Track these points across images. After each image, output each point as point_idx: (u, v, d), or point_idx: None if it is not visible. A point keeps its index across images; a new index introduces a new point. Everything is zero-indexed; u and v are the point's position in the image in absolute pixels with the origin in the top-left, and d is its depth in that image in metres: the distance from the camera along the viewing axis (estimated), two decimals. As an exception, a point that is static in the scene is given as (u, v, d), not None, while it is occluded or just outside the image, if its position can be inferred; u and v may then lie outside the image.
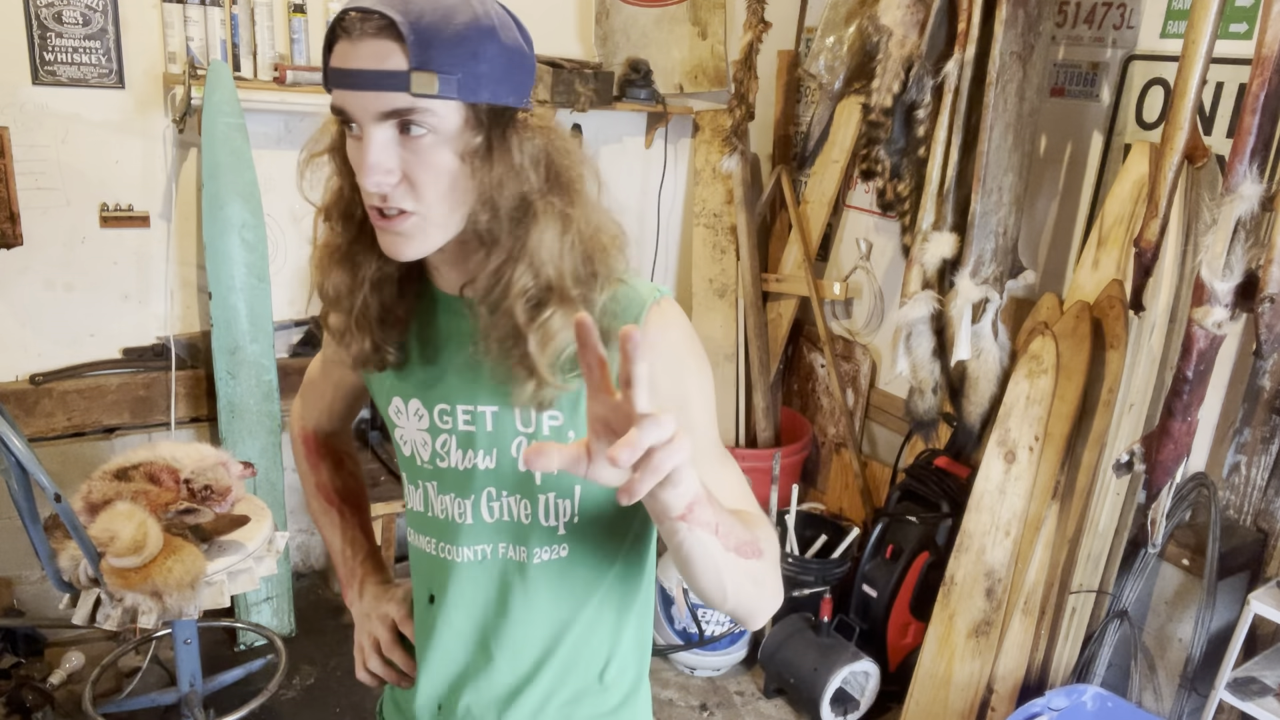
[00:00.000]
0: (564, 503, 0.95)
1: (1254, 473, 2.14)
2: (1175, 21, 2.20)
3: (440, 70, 0.79)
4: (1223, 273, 1.81)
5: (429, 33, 0.79)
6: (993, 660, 2.30)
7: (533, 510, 0.96)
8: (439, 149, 0.82)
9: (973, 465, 2.53)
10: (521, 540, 0.97)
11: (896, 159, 2.45)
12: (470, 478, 0.97)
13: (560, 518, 0.96)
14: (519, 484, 0.95)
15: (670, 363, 0.90)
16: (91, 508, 1.99)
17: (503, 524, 0.98)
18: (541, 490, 0.95)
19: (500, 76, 0.83)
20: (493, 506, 0.97)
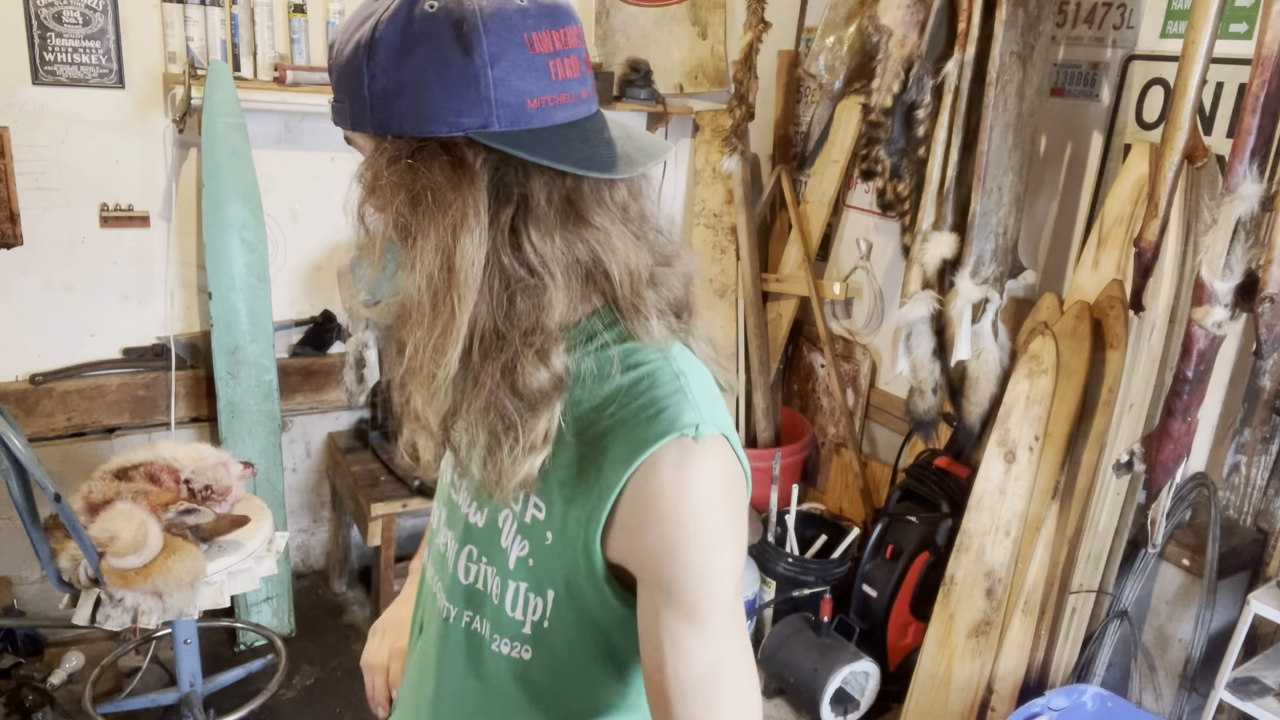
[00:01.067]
0: (535, 599, 0.82)
1: (1254, 473, 2.14)
2: (1175, 21, 2.20)
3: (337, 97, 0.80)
4: (1223, 273, 1.81)
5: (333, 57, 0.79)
6: (993, 660, 2.30)
7: (501, 591, 0.84)
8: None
9: (973, 465, 2.53)
10: (486, 616, 0.86)
11: (896, 159, 2.45)
12: (464, 527, 0.88)
13: (529, 614, 0.83)
14: (495, 555, 0.84)
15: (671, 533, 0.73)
16: (91, 508, 1.99)
17: (475, 590, 0.86)
18: (513, 575, 0.82)
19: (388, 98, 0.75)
20: (470, 568, 0.87)
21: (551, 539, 0.79)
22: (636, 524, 0.74)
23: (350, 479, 2.81)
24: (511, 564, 0.82)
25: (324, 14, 2.70)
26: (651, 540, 0.73)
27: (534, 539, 0.80)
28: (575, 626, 0.82)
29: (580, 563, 0.78)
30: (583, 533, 0.76)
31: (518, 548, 0.81)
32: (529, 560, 0.81)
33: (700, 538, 0.73)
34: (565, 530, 0.78)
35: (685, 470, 0.72)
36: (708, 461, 0.73)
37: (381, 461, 2.87)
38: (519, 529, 0.81)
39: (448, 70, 0.69)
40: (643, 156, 0.74)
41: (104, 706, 2.39)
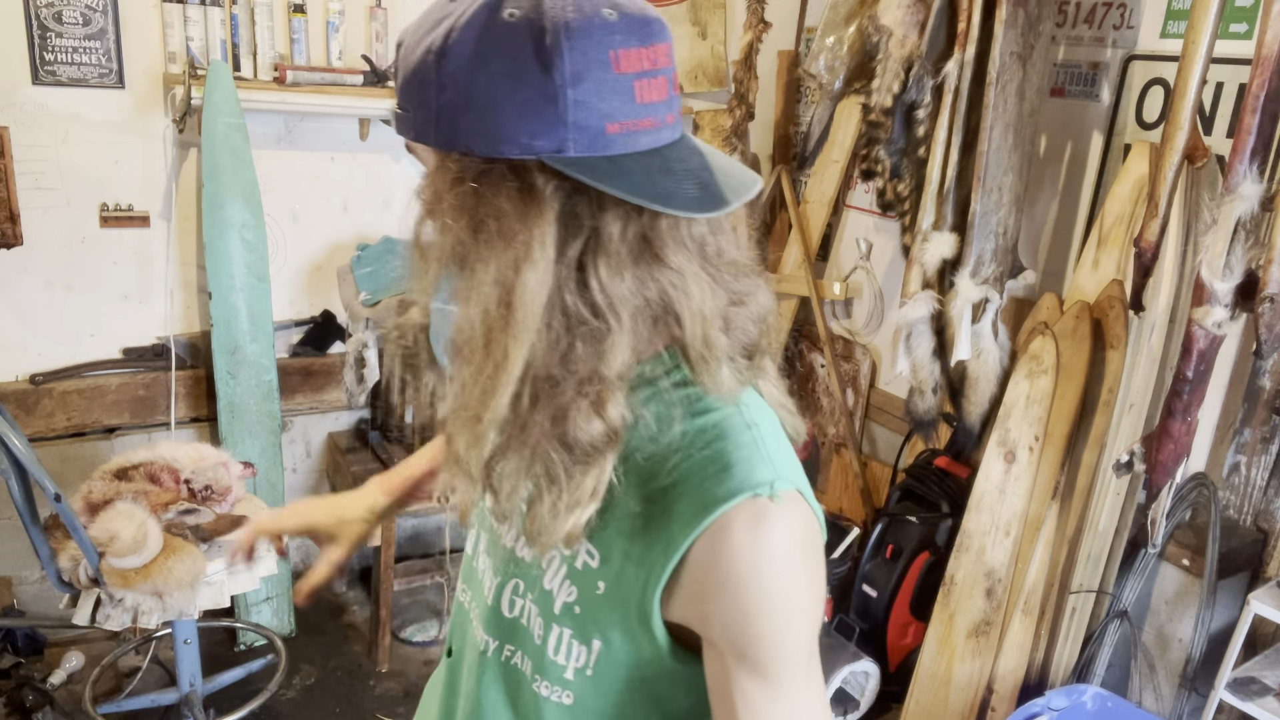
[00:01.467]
0: (579, 647, 0.77)
1: (1254, 473, 2.14)
2: (1175, 21, 2.20)
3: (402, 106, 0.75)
4: (1223, 273, 1.81)
5: (400, 59, 0.74)
6: (993, 660, 2.30)
7: (544, 635, 0.79)
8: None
9: (973, 465, 2.53)
10: (528, 654, 0.81)
11: (896, 159, 2.45)
12: (508, 558, 0.82)
13: (572, 661, 0.78)
14: (540, 595, 0.79)
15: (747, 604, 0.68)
16: (91, 508, 1.99)
17: (518, 626, 0.81)
18: (558, 620, 0.77)
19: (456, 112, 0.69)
20: (515, 602, 0.81)
21: (604, 589, 0.74)
22: (705, 590, 0.69)
23: (350, 479, 2.81)
24: (557, 608, 0.77)
25: (324, 14, 2.70)
26: (724, 609, 0.68)
27: (584, 586, 0.75)
28: (622, 678, 0.77)
29: (633, 619, 0.73)
30: (639, 591, 0.72)
31: (565, 592, 0.76)
32: (575, 607, 0.76)
33: (779, 606, 0.68)
34: (620, 583, 0.73)
35: (761, 534, 0.67)
36: (785, 522, 0.68)
37: (381, 461, 2.87)
38: (568, 573, 0.76)
39: (524, 87, 0.63)
40: (730, 192, 0.67)
41: (104, 706, 2.39)
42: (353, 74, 2.68)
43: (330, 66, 2.71)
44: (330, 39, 2.71)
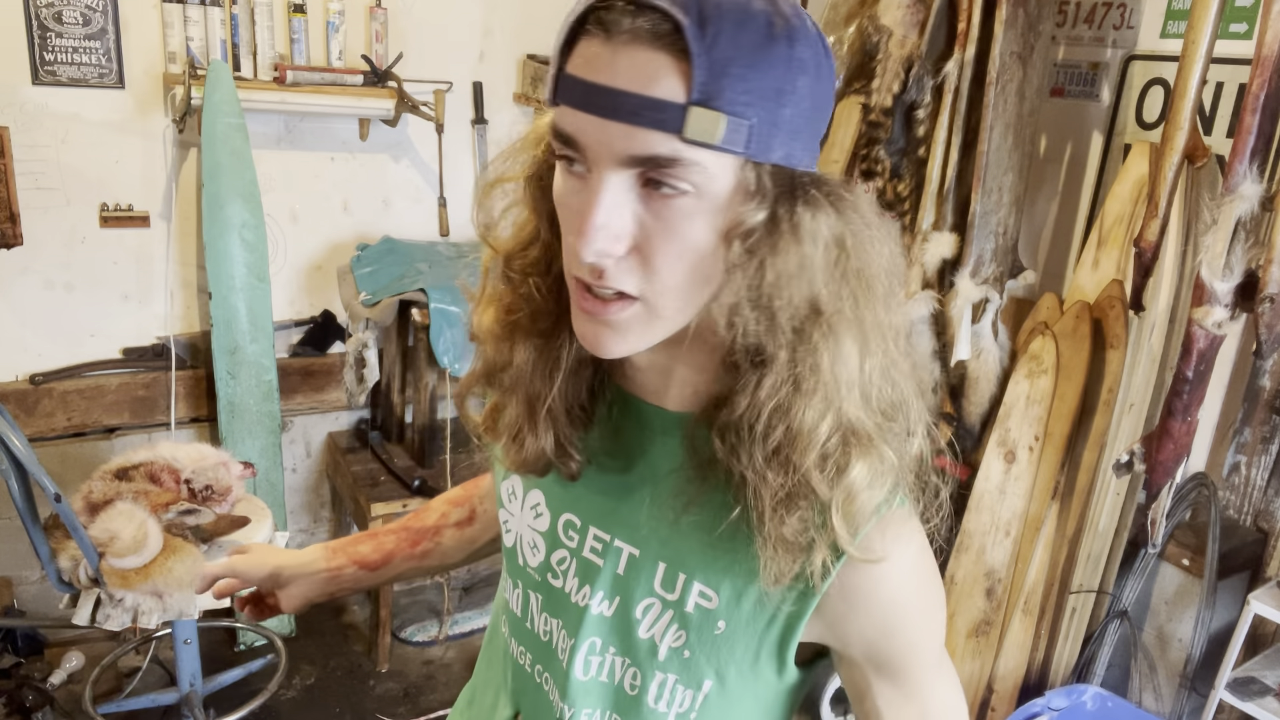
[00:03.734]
0: (685, 692, 0.74)
1: (1254, 473, 2.14)
2: (1175, 21, 2.20)
3: (730, 110, 0.56)
4: (1223, 273, 1.81)
5: (727, 49, 0.55)
6: (993, 660, 2.30)
7: (642, 684, 0.75)
8: (696, 218, 0.59)
9: (973, 465, 2.53)
10: (619, 711, 0.78)
11: (896, 159, 2.45)
12: (582, 617, 0.77)
13: (674, 707, 0.75)
14: (632, 647, 0.75)
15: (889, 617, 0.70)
16: (92, 508, 1.99)
17: (599, 685, 0.78)
18: (661, 667, 0.74)
19: (802, 127, 0.59)
20: (591, 660, 0.77)
21: (725, 628, 0.71)
22: (849, 608, 0.69)
23: (350, 479, 2.81)
24: (662, 654, 0.74)
25: (324, 14, 2.70)
26: (866, 624, 0.70)
27: (699, 628, 0.72)
28: (731, 713, 0.76)
29: (763, 650, 0.72)
30: (781, 620, 0.70)
31: (670, 638, 0.73)
32: (685, 651, 0.73)
33: (917, 616, 0.71)
34: (750, 619, 0.71)
35: (900, 547, 0.67)
36: (915, 532, 0.69)
37: (381, 461, 2.87)
38: (675, 618, 0.73)
39: (830, 102, 0.61)
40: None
41: (104, 706, 2.39)
42: (353, 74, 2.68)
43: (330, 66, 2.71)
44: (330, 39, 2.71)
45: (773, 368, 0.62)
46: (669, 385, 0.72)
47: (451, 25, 2.95)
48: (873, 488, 0.65)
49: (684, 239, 0.59)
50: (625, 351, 0.64)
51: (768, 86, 0.56)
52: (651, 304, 0.62)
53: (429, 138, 2.95)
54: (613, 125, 0.56)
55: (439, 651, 2.90)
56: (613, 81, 0.56)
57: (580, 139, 0.59)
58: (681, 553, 0.72)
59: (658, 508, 0.72)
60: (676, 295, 0.61)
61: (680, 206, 0.58)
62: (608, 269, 0.60)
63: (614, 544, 0.75)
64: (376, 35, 2.77)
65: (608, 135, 0.57)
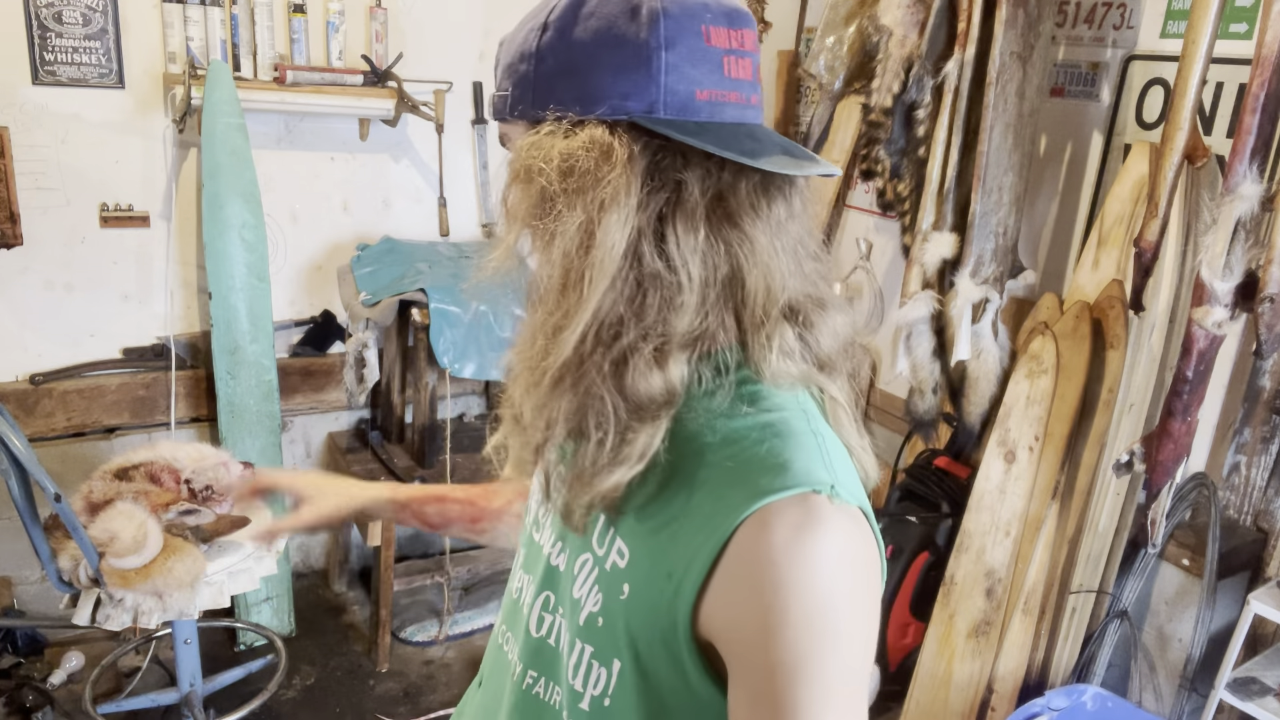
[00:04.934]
0: (599, 669, 0.71)
1: (1254, 473, 2.14)
2: (1175, 21, 2.20)
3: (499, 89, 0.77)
4: (1223, 273, 1.81)
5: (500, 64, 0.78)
6: (993, 660, 2.30)
7: (568, 654, 0.73)
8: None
9: (973, 465, 2.53)
10: (556, 680, 0.75)
11: (896, 159, 2.45)
12: (543, 568, 0.78)
13: (589, 687, 0.71)
14: (569, 608, 0.74)
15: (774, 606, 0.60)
16: (92, 508, 1.99)
17: (545, 646, 0.76)
18: (581, 634, 0.72)
19: (554, 79, 0.74)
20: (545, 618, 0.77)
21: (629, 593, 0.68)
22: (736, 591, 0.62)
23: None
24: (582, 619, 0.71)
25: (324, 14, 2.70)
26: (749, 612, 0.61)
27: (610, 591, 0.70)
28: (640, 710, 0.69)
29: (660, 625, 0.66)
30: (671, 589, 0.65)
31: (591, 600, 0.71)
32: (599, 618, 0.70)
33: (808, 620, 0.59)
34: (649, 584, 0.67)
35: (807, 532, 0.60)
36: (839, 530, 0.61)
37: (381, 461, 2.87)
38: (598, 577, 0.71)
39: (620, 50, 0.67)
40: (811, 162, 0.70)
41: (104, 706, 2.39)
42: (353, 74, 2.68)
43: (330, 66, 2.71)
44: (330, 39, 2.71)
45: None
46: None
47: (451, 25, 2.95)
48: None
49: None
50: None
51: (515, 72, 0.75)
52: None
53: (429, 138, 2.95)
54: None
55: (439, 651, 2.90)
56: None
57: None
58: (619, 504, 0.70)
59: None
60: None
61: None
62: None
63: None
64: (376, 35, 2.77)
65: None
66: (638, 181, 0.66)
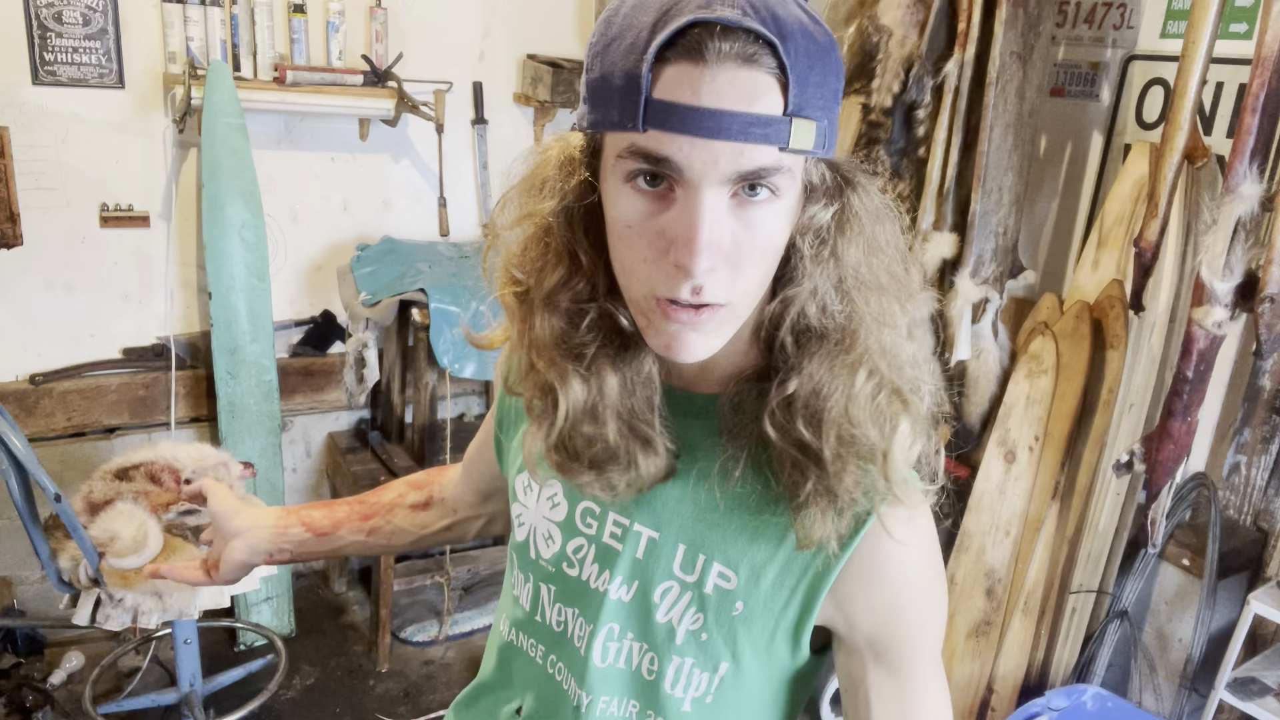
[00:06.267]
0: (701, 675, 0.76)
1: (1254, 473, 2.14)
2: (1175, 21, 2.20)
3: (814, 117, 0.60)
4: (1223, 273, 1.81)
5: (803, 64, 0.59)
6: (993, 660, 2.30)
7: (659, 669, 0.77)
8: (778, 220, 0.63)
9: (973, 465, 2.53)
10: (638, 697, 0.79)
11: (896, 159, 2.45)
12: (601, 603, 0.78)
13: (690, 691, 0.77)
14: (650, 631, 0.77)
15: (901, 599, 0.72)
16: (92, 508, 1.99)
17: (617, 671, 0.79)
18: (679, 650, 0.76)
19: (835, 118, 0.64)
20: (610, 647, 0.79)
21: (742, 609, 0.73)
22: (863, 585, 0.71)
23: (350, 479, 2.81)
24: (679, 638, 0.76)
25: (324, 14, 2.70)
26: (877, 601, 0.71)
27: (716, 610, 0.74)
28: (743, 699, 0.78)
29: (781, 628, 0.74)
30: (800, 596, 0.73)
31: (689, 620, 0.75)
32: (702, 634, 0.75)
33: (926, 602, 0.73)
34: (769, 598, 0.73)
35: (914, 527, 0.70)
36: (926, 515, 0.72)
37: (381, 461, 2.87)
38: (693, 600, 0.75)
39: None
40: None
41: (104, 706, 2.39)
42: (353, 74, 2.68)
43: (330, 66, 2.71)
44: (330, 39, 2.71)
45: (825, 343, 0.66)
46: (703, 370, 0.73)
47: (451, 25, 2.95)
48: (914, 445, 0.70)
49: (768, 241, 0.63)
50: (708, 353, 0.66)
51: (830, 90, 0.61)
52: (735, 306, 0.65)
53: (429, 138, 2.95)
54: (720, 145, 0.58)
55: (439, 651, 2.90)
56: (717, 104, 0.58)
57: (679, 160, 0.60)
58: (702, 534, 0.74)
59: (676, 485, 0.74)
60: (754, 295, 0.65)
61: (767, 211, 0.62)
62: (707, 284, 0.62)
63: (633, 528, 0.76)
64: (376, 35, 2.77)
65: (714, 154, 0.59)
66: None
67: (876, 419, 0.68)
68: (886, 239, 0.68)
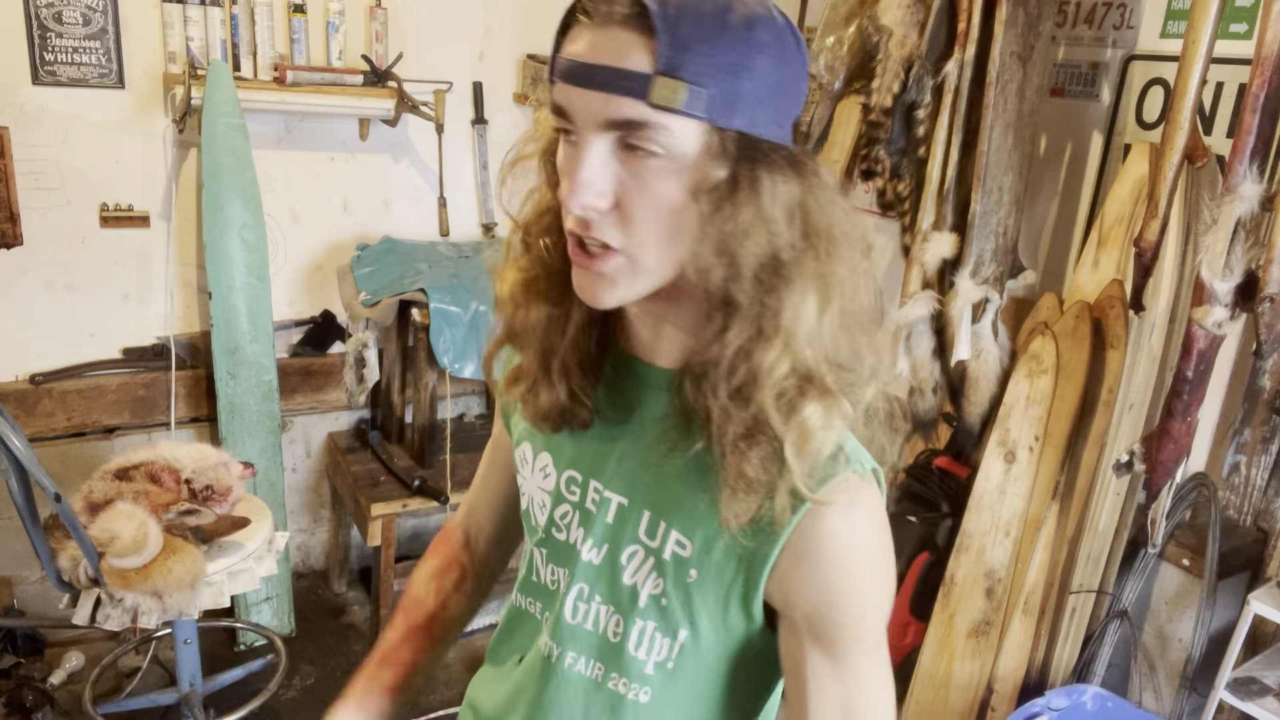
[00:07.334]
0: (663, 640, 0.80)
1: (1254, 473, 2.14)
2: (1175, 21, 2.20)
3: (691, 80, 0.64)
4: (1223, 273, 1.81)
5: (689, 30, 0.64)
6: (993, 660, 2.30)
7: (624, 631, 0.81)
8: (667, 177, 0.68)
9: (973, 465, 2.53)
10: (603, 659, 0.83)
11: (896, 159, 2.45)
12: (579, 564, 0.84)
13: (653, 655, 0.81)
14: (616, 593, 0.82)
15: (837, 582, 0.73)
16: (92, 508, 1.99)
17: (585, 632, 0.84)
18: (642, 614, 0.80)
19: (764, 99, 0.67)
20: (580, 606, 0.84)
21: (696, 576, 0.77)
22: (802, 565, 0.73)
23: (350, 479, 2.81)
24: (642, 602, 0.80)
25: (324, 14, 2.70)
26: (813, 578, 0.73)
27: (674, 576, 0.78)
28: (702, 669, 0.81)
29: (730, 602, 0.77)
30: (742, 572, 0.75)
31: (650, 585, 0.79)
32: (662, 599, 0.79)
33: (864, 582, 0.74)
34: (719, 569, 0.76)
35: (855, 511, 0.72)
36: (873, 501, 0.74)
37: (381, 461, 2.87)
38: (655, 566, 0.79)
39: (800, 85, 0.70)
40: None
41: (104, 706, 2.39)
42: (353, 74, 2.68)
43: (330, 66, 2.71)
44: (330, 39, 2.71)
45: (738, 314, 0.69)
46: (660, 342, 0.79)
47: (451, 25, 2.95)
48: (828, 429, 0.70)
49: (656, 195, 0.68)
50: (614, 301, 0.73)
51: (725, 61, 0.65)
52: (632, 256, 0.70)
53: (429, 138, 2.95)
54: (592, 94, 0.66)
55: (439, 651, 2.90)
56: (592, 58, 0.66)
57: (569, 108, 0.69)
58: (664, 501, 0.78)
59: (641, 454, 0.79)
60: (653, 248, 0.70)
61: (653, 166, 0.67)
62: (593, 222, 0.69)
63: (606, 494, 0.82)
64: (376, 35, 2.77)
65: (588, 103, 0.67)
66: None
67: (777, 402, 0.70)
68: (820, 227, 0.70)
